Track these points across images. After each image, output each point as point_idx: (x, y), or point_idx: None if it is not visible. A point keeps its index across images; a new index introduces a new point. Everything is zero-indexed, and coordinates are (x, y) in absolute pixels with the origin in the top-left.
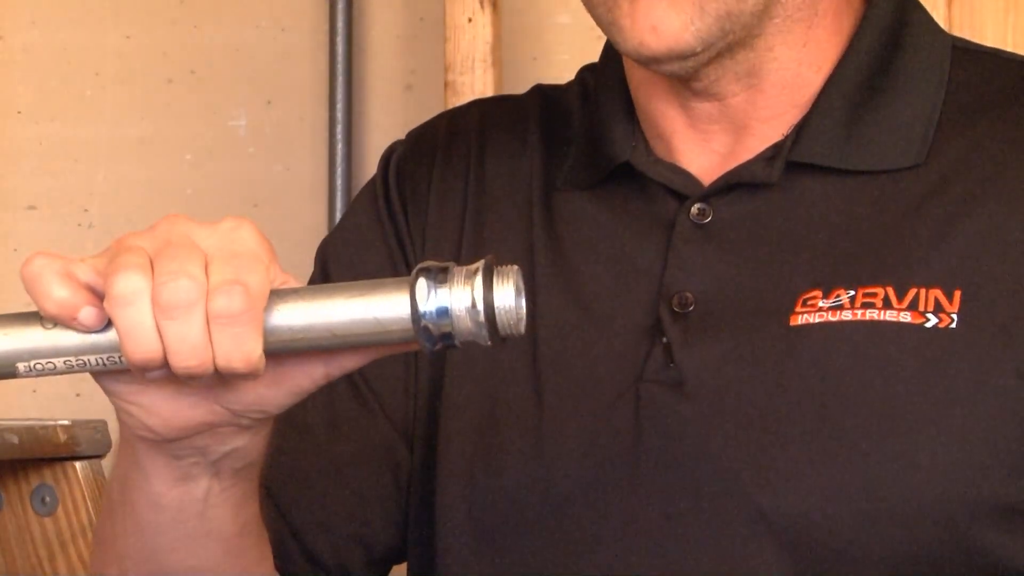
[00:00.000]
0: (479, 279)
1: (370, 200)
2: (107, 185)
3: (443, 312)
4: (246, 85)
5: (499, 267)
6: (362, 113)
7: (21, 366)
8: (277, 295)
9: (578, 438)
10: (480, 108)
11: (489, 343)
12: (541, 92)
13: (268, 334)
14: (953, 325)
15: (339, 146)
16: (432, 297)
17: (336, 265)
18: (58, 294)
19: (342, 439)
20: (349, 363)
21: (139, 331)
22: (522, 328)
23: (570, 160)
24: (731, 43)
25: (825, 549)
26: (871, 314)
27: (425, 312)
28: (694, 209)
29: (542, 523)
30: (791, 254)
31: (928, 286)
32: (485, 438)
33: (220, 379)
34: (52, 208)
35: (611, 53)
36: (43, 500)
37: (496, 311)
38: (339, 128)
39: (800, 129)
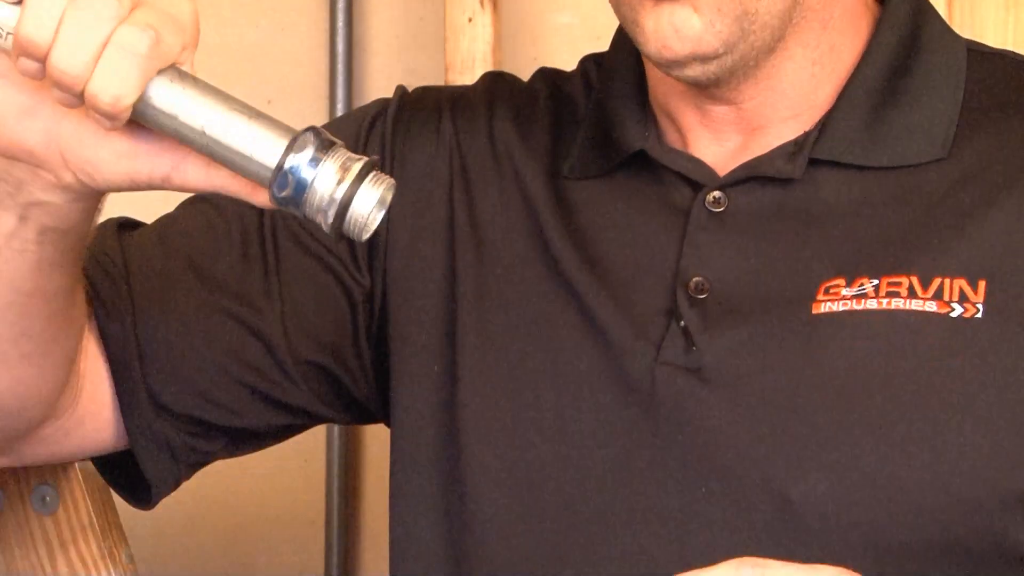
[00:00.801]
0: (355, 169)
1: (352, 123)
2: None
3: (306, 176)
4: (246, 85)
5: (379, 173)
6: None
7: None
8: (178, 73)
9: (595, 419)
10: (491, 79)
11: (328, 231)
12: (546, 76)
13: (148, 97)
14: (979, 315)
15: None
16: (305, 156)
17: None
18: None
19: (229, 296)
20: (193, 179)
21: (43, 12)
22: (364, 237)
23: (577, 148)
24: (754, 49)
25: (851, 538)
26: (896, 303)
27: (292, 166)
28: (710, 197)
29: (560, 504)
30: (811, 242)
31: (953, 276)
32: (507, 413)
33: (73, 113)
34: None
35: (623, 42)
36: (43, 499)
37: (350, 207)
38: None
39: (824, 126)
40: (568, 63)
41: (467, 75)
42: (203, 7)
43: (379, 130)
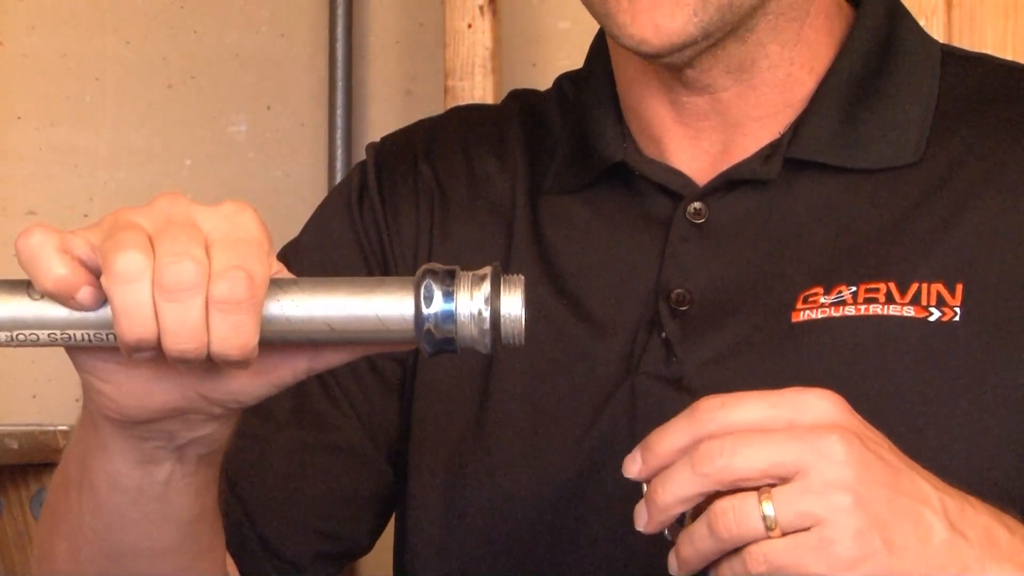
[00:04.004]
0: (487, 286)
1: (343, 202)
2: (107, 190)
3: (448, 316)
4: (246, 90)
5: (506, 276)
6: (362, 118)
7: (2, 335)
8: (277, 285)
9: (573, 432)
10: (459, 115)
11: (489, 351)
12: (518, 98)
13: (265, 323)
14: (956, 318)
15: (339, 151)
16: (438, 300)
17: (300, 265)
18: (57, 271)
19: (306, 429)
20: (334, 358)
21: (137, 310)
22: (523, 339)
23: (555, 165)
24: (725, 33)
25: None
26: (874, 309)
27: (429, 315)
28: (691, 208)
29: (538, 519)
30: (790, 251)
31: (930, 281)
32: (473, 439)
33: (203, 366)
34: (52, 214)
35: (597, 56)
36: (43, 505)
37: (502, 320)
38: (339, 133)
39: (797, 126)
40: (567, 68)
41: (467, 80)
42: (204, 13)
43: (368, 204)
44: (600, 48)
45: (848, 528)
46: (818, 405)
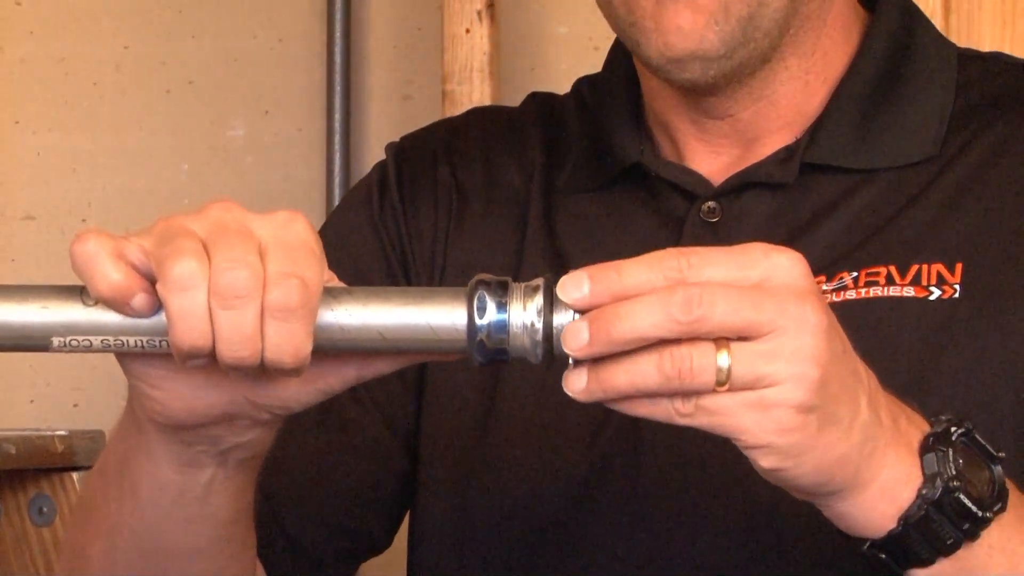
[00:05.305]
0: (539, 297)
1: (364, 200)
2: (105, 195)
3: (501, 327)
4: (244, 95)
5: (558, 287)
6: (360, 123)
7: (56, 340)
8: (330, 293)
9: (581, 434)
10: (478, 115)
11: (540, 361)
12: (537, 100)
13: (318, 331)
14: (956, 295)
15: (337, 156)
16: (491, 311)
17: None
18: (113, 277)
19: (330, 427)
20: (383, 367)
21: (192, 318)
22: None
23: (570, 166)
24: (752, 57)
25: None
26: (875, 291)
27: (482, 326)
28: (705, 207)
29: (546, 522)
30: (799, 246)
31: (930, 262)
32: (481, 440)
33: (254, 372)
34: (50, 218)
35: (617, 57)
36: (40, 510)
37: (555, 331)
38: (337, 138)
39: (814, 131)
40: (566, 73)
41: (464, 85)
42: (201, 18)
43: (388, 203)
44: (620, 52)
45: (796, 399)
46: (788, 267)
